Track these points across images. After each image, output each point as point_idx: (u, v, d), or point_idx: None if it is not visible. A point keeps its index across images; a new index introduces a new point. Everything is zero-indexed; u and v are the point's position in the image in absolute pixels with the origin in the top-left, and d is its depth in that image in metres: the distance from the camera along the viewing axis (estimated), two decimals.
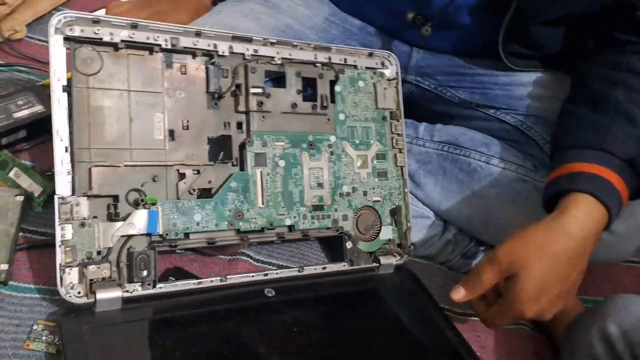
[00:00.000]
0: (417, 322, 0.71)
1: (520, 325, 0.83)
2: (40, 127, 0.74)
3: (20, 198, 0.67)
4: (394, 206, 0.77)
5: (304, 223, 0.70)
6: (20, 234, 0.66)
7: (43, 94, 0.75)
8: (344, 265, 0.73)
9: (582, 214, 0.62)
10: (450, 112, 0.89)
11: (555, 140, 0.74)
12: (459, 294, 0.64)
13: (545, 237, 0.62)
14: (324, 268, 0.72)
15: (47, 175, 0.71)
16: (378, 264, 0.75)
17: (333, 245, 0.77)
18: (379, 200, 0.76)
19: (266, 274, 0.68)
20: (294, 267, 0.70)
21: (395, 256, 0.76)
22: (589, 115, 0.70)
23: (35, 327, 0.59)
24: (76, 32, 0.59)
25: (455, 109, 0.89)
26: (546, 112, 0.80)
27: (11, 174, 0.70)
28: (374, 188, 0.76)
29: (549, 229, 0.63)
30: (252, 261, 0.74)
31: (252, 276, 0.67)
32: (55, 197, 0.58)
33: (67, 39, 0.59)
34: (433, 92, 0.90)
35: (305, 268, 0.70)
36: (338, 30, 0.88)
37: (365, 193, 0.75)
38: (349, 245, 0.73)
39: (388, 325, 0.69)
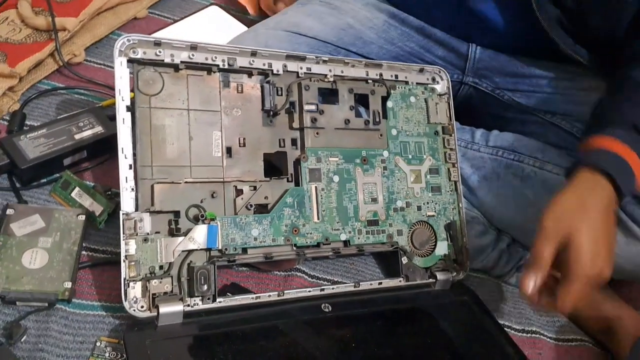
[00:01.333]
0: (476, 339, 0.70)
1: (583, 342, 0.80)
2: (100, 147, 0.77)
3: (82, 217, 0.69)
4: (449, 221, 0.77)
5: (359, 238, 0.70)
6: (83, 252, 0.68)
7: (102, 115, 0.78)
8: (400, 281, 0.72)
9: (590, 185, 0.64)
10: (507, 116, 0.88)
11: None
12: (528, 284, 0.60)
13: (579, 200, 0.63)
14: (380, 283, 0.71)
15: (107, 195, 0.73)
16: (434, 280, 0.74)
17: (388, 261, 0.76)
18: (433, 215, 0.76)
19: (322, 289, 0.68)
20: (349, 283, 0.70)
21: (451, 272, 0.75)
22: (608, 99, 0.71)
23: (98, 343, 0.61)
24: (139, 54, 0.62)
25: (513, 112, 0.88)
26: None
27: (73, 194, 0.72)
28: (428, 203, 0.76)
29: (577, 194, 0.64)
30: (307, 277, 0.74)
31: (309, 291, 0.67)
32: (120, 213, 0.59)
33: (130, 60, 0.62)
34: (491, 95, 0.90)
35: (361, 283, 0.70)
36: (397, 33, 0.89)
37: (419, 208, 0.75)
38: (404, 260, 0.73)
39: (447, 342, 0.68)
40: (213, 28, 1.01)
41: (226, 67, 0.66)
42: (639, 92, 0.69)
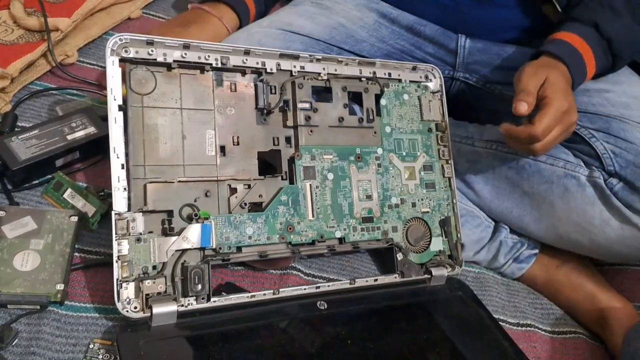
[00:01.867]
0: (471, 334, 0.70)
1: (577, 334, 0.81)
2: (93, 148, 0.77)
3: (75, 218, 0.68)
4: (443, 217, 0.77)
5: (354, 235, 0.70)
6: (75, 253, 0.68)
7: (95, 115, 0.77)
8: (395, 277, 0.72)
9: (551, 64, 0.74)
10: (499, 109, 0.89)
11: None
12: (522, 104, 0.68)
13: (547, 66, 0.73)
14: (376, 280, 0.71)
15: (100, 196, 0.72)
16: (430, 276, 0.74)
17: (383, 257, 0.76)
18: (427, 212, 0.76)
19: (318, 287, 0.68)
20: (345, 280, 0.70)
21: (446, 267, 0.75)
22: None
23: (91, 346, 0.60)
24: (131, 53, 0.61)
25: (505, 106, 0.88)
26: (592, 107, 0.80)
27: (66, 195, 0.72)
28: (422, 199, 0.76)
29: (543, 63, 0.74)
30: (302, 275, 0.74)
31: (304, 289, 0.67)
32: (113, 213, 0.59)
33: (122, 60, 0.61)
34: (482, 89, 0.91)
35: (356, 280, 0.70)
36: (388, 31, 0.90)
37: (414, 204, 0.75)
38: (399, 256, 0.73)
39: (442, 338, 0.68)
40: None
41: (219, 65, 0.66)
42: None
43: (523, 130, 0.69)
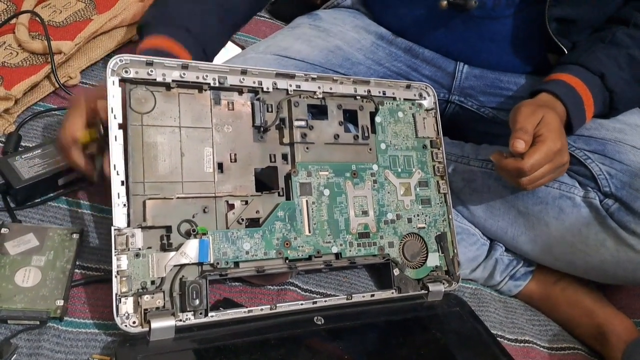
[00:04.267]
0: (469, 350, 0.70)
1: (576, 350, 0.80)
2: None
3: (76, 236, 0.70)
4: (439, 233, 0.77)
5: (350, 250, 0.71)
6: (76, 270, 0.68)
7: None
8: (392, 293, 0.73)
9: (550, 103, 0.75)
10: (493, 132, 0.90)
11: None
12: (520, 142, 0.69)
13: (544, 104, 0.74)
14: (372, 295, 0.72)
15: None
16: (426, 291, 0.74)
17: (380, 273, 0.77)
18: (423, 227, 0.77)
19: (315, 302, 0.68)
20: (342, 295, 0.71)
21: (443, 283, 0.75)
22: (593, 43, 0.80)
23: None
24: (131, 73, 0.63)
25: (499, 128, 0.89)
26: (587, 131, 0.80)
27: None
28: (418, 215, 0.77)
29: (542, 101, 0.75)
30: (300, 291, 0.75)
31: (301, 304, 0.68)
32: (112, 228, 0.60)
33: (123, 80, 0.63)
34: (476, 113, 0.92)
35: (353, 295, 0.71)
36: (385, 53, 0.91)
37: (409, 220, 0.76)
38: (396, 272, 0.73)
39: (440, 354, 0.68)
40: None
41: (217, 85, 0.67)
42: (616, 49, 0.78)
43: (512, 162, 0.70)
